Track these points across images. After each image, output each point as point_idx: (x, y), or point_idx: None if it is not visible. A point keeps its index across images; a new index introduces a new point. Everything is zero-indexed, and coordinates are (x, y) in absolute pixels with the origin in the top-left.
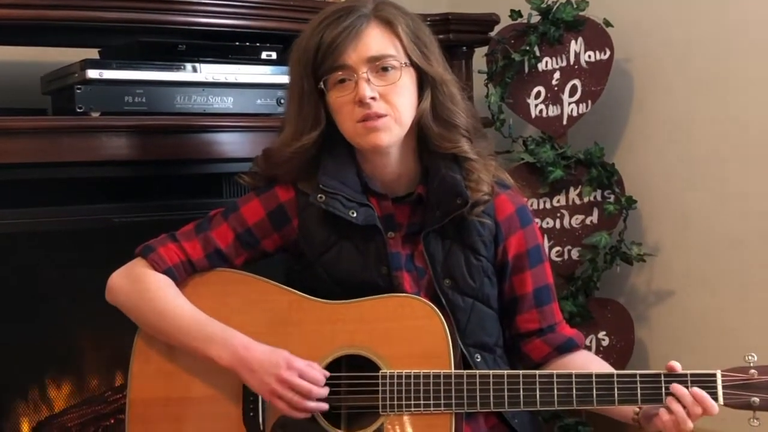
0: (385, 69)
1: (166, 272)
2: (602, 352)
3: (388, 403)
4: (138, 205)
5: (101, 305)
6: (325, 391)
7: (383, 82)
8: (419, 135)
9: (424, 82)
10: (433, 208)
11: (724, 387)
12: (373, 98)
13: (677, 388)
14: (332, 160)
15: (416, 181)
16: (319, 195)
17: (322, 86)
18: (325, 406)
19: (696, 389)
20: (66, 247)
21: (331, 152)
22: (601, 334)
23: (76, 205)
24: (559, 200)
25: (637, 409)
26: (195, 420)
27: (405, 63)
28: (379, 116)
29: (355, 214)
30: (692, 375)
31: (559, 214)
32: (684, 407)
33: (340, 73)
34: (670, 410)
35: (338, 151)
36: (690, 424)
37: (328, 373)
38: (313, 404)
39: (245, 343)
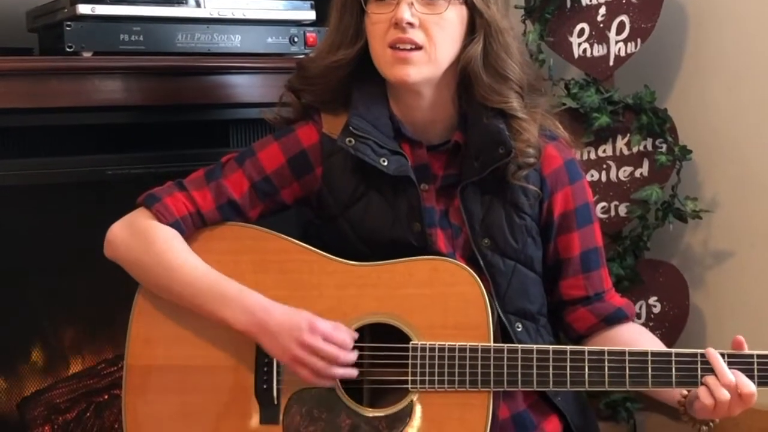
0: None
1: (173, 225)
2: (653, 320)
3: (418, 378)
4: (135, 155)
5: (93, 265)
6: (353, 356)
7: (427, 10)
8: (463, 82)
9: (477, 25)
10: (471, 159)
11: None
12: (410, 24)
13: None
14: (364, 97)
15: (453, 129)
16: (348, 138)
17: None
18: (354, 372)
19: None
20: (54, 201)
21: (363, 87)
22: (652, 300)
23: (65, 156)
24: (605, 150)
25: (686, 392)
26: (200, 391)
27: None
28: (413, 48)
29: (386, 163)
30: (759, 356)
31: (604, 166)
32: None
33: None
34: (711, 393)
35: (371, 88)
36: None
37: (356, 335)
38: (340, 371)
39: (264, 304)
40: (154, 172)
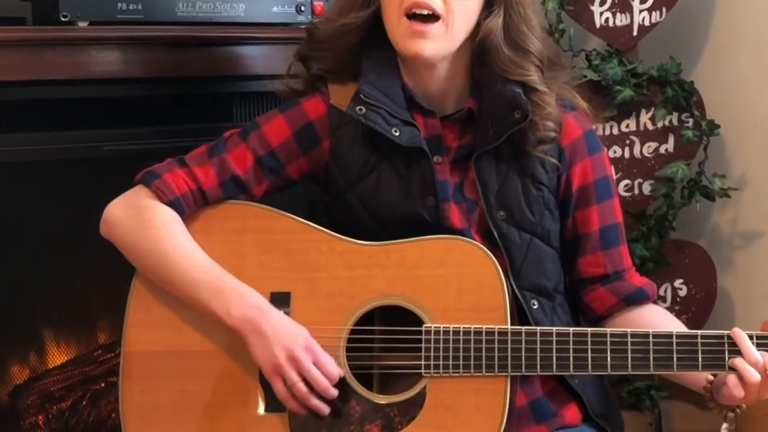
0: None
1: (173, 202)
2: (679, 304)
3: (432, 363)
4: (133, 130)
5: (89, 247)
6: (334, 393)
7: None
8: (479, 53)
9: None
10: (486, 125)
11: None
12: None
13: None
14: (374, 66)
15: (466, 97)
16: (359, 107)
17: None
18: (326, 409)
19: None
20: (47, 179)
21: (373, 56)
22: (678, 283)
23: (59, 131)
24: (629, 125)
25: (711, 378)
26: (202, 378)
27: None
28: (430, 14)
29: (398, 133)
30: None
31: (628, 141)
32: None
33: None
34: (740, 375)
35: (381, 57)
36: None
37: (343, 374)
38: (315, 401)
39: (260, 304)
40: (154, 147)
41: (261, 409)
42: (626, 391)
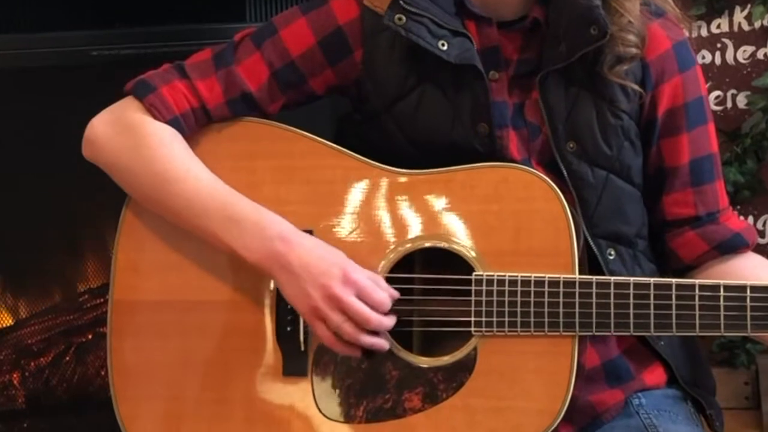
0: None
1: (171, 123)
2: None
3: (484, 319)
4: (125, 32)
5: (74, 168)
6: (390, 322)
7: None
8: None
9: None
10: (555, 40)
11: None
12: None
13: None
14: None
15: (530, 2)
16: (398, 16)
17: None
18: (385, 344)
19: None
20: (27, 89)
21: None
22: None
23: (40, 32)
24: (720, 25)
25: None
26: (205, 334)
27: None
28: None
29: (445, 47)
30: None
31: (719, 45)
32: None
33: None
34: None
35: None
36: None
37: (397, 294)
38: (368, 339)
39: (286, 233)
40: (151, 52)
41: (278, 371)
42: (717, 344)
